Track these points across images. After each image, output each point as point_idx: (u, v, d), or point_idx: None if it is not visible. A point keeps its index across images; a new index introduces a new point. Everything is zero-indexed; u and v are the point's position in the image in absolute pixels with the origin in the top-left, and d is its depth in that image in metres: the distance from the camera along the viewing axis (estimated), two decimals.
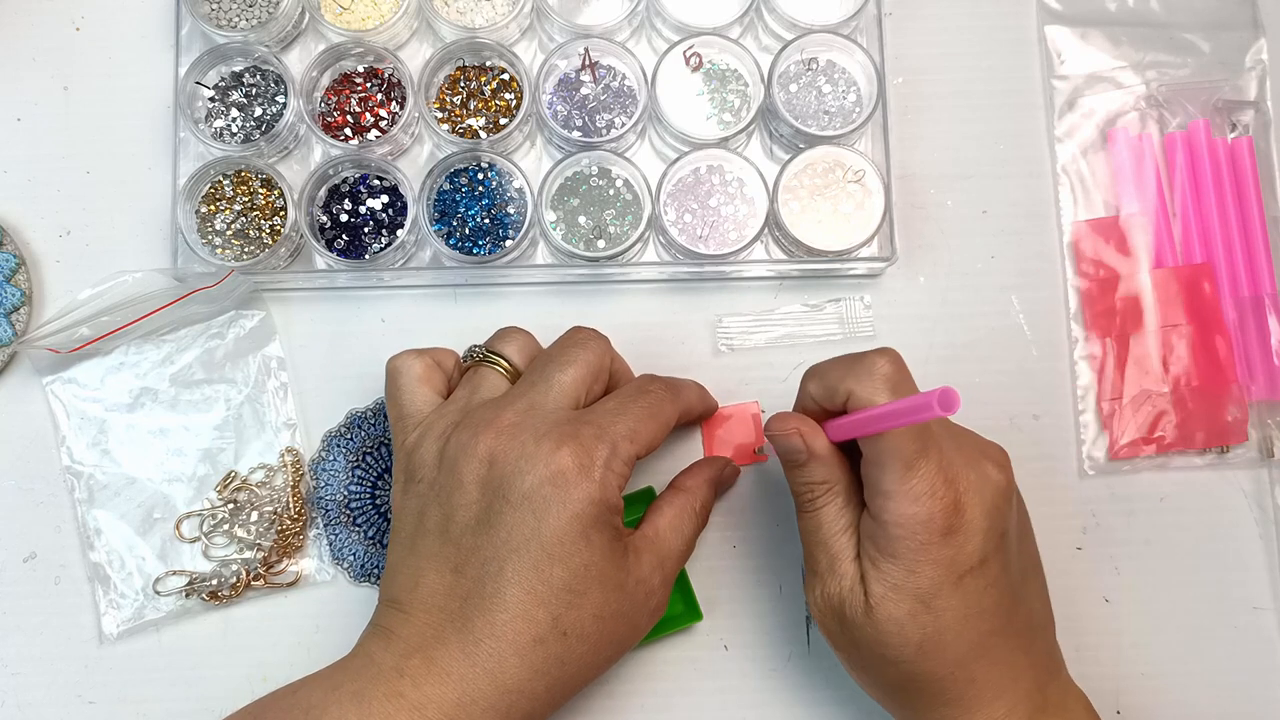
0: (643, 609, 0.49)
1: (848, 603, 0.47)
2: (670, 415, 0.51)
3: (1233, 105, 0.65)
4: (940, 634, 0.46)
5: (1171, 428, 0.62)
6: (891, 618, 0.46)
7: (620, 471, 0.47)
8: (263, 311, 0.62)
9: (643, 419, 0.49)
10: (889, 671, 0.48)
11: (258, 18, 0.63)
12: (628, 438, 0.47)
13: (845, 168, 0.61)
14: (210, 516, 0.60)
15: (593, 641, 0.47)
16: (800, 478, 0.49)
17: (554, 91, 0.63)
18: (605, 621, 0.47)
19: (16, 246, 0.62)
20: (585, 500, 0.45)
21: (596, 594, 0.46)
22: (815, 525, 0.49)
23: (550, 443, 0.46)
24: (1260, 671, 0.61)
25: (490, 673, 0.44)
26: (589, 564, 0.46)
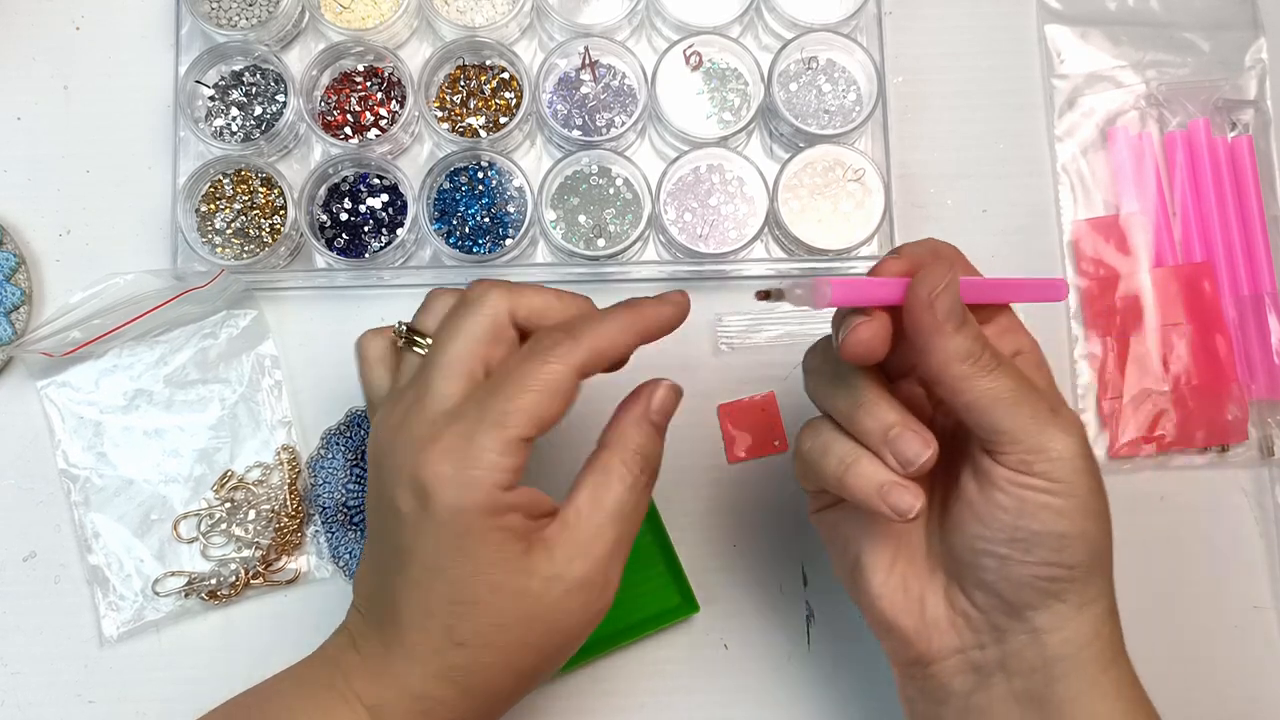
0: (561, 608, 0.42)
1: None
2: (563, 377, 0.41)
3: (1232, 104, 0.65)
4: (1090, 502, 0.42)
5: (1172, 427, 0.62)
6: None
7: (497, 465, 0.40)
8: (255, 310, 0.62)
9: (524, 392, 0.41)
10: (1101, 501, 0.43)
11: (258, 17, 0.63)
12: (501, 423, 0.40)
13: (845, 167, 0.61)
14: (208, 516, 0.60)
15: (501, 649, 0.42)
16: (972, 331, 0.41)
17: (554, 90, 0.63)
18: (510, 630, 0.42)
19: (16, 245, 0.62)
20: (452, 510, 0.40)
21: (491, 602, 0.41)
22: (1012, 378, 0.41)
23: (415, 450, 0.41)
24: (1260, 671, 0.60)
25: (400, 676, 0.43)
26: (472, 574, 0.41)
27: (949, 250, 0.45)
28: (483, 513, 0.40)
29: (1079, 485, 0.41)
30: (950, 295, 0.40)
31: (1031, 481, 0.41)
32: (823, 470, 0.44)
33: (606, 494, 0.43)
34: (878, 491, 0.42)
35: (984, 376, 0.40)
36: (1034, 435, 0.40)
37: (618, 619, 0.58)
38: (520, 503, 0.41)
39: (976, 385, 0.40)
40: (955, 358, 0.40)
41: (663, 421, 0.45)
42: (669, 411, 0.46)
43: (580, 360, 0.41)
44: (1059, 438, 0.40)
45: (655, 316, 0.44)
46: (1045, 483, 0.41)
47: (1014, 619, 0.43)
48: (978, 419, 0.41)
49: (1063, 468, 0.40)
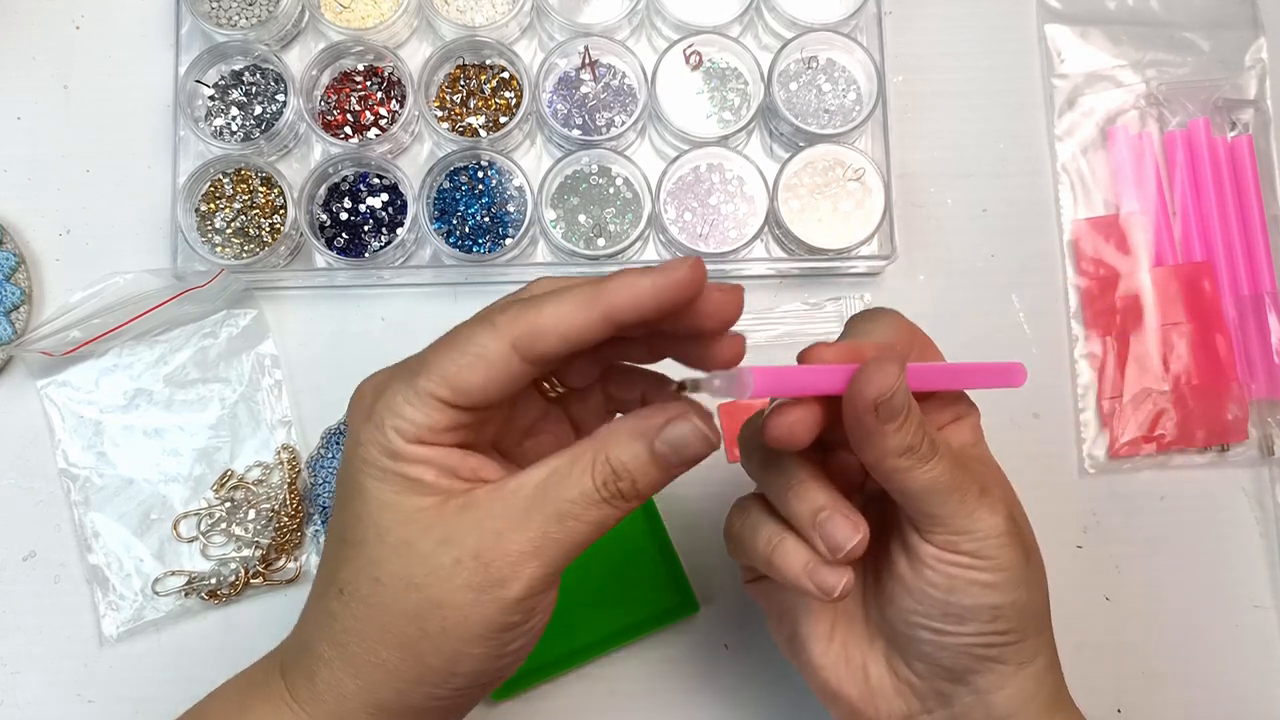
0: (447, 581, 0.36)
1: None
2: (491, 349, 0.36)
3: (1232, 104, 0.65)
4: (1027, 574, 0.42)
5: (1172, 426, 0.62)
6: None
7: (400, 413, 0.36)
8: (255, 310, 0.62)
9: (448, 351, 0.37)
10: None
11: (258, 16, 0.63)
12: (414, 375, 0.37)
13: (845, 166, 0.61)
14: (208, 516, 0.60)
15: (373, 606, 0.37)
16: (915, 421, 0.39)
17: (554, 90, 0.63)
18: (386, 587, 0.37)
19: (16, 245, 0.62)
20: (358, 442, 0.37)
21: (373, 550, 0.37)
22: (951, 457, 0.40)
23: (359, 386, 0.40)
24: (1260, 670, 0.60)
25: (299, 627, 0.41)
26: (362, 515, 0.37)
27: (903, 335, 0.43)
28: (384, 454, 0.37)
29: (1006, 559, 0.41)
30: (896, 400, 0.38)
31: (958, 559, 0.41)
32: (751, 550, 0.43)
33: (559, 485, 0.37)
34: (804, 571, 0.41)
35: (920, 468, 0.39)
36: (961, 518, 0.40)
37: (618, 619, 0.58)
38: (435, 459, 0.37)
39: (913, 475, 0.39)
40: (893, 453, 0.39)
41: (670, 457, 0.37)
42: (683, 453, 0.37)
43: (516, 334, 0.35)
44: (984, 518, 0.40)
45: (623, 292, 0.35)
46: (972, 559, 0.41)
47: (957, 684, 0.43)
48: (911, 505, 0.41)
49: (989, 545, 0.40)
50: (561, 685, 0.58)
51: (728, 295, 0.37)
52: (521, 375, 0.36)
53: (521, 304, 0.36)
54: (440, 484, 0.37)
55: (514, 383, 0.36)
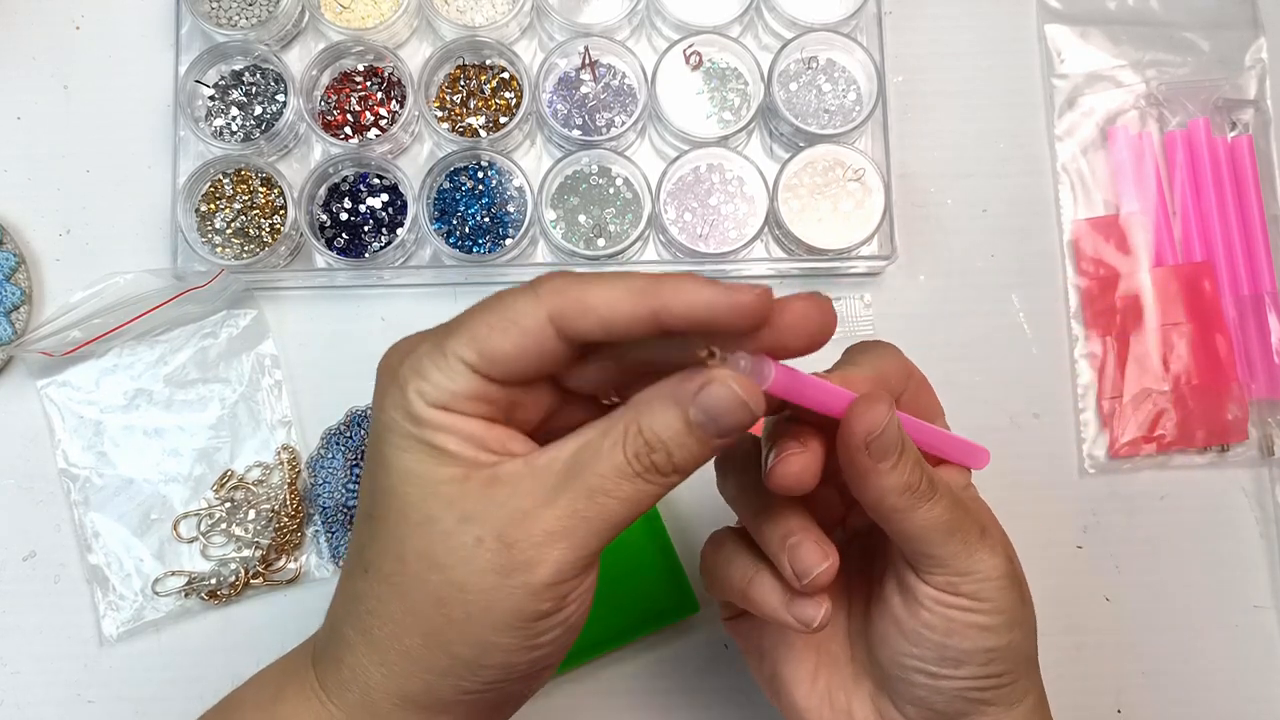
0: (469, 561, 0.34)
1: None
2: (526, 313, 0.34)
3: (1232, 104, 0.65)
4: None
5: (1172, 426, 0.62)
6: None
7: (424, 374, 0.34)
8: (255, 310, 0.62)
9: (483, 313, 0.34)
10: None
11: (258, 16, 0.63)
12: (445, 337, 0.34)
13: (845, 166, 0.61)
14: (208, 516, 0.60)
15: (396, 586, 0.35)
16: (910, 461, 0.38)
17: (554, 90, 0.63)
18: (408, 565, 0.34)
19: (16, 245, 0.62)
20: (381, 407, 0.35)
21: (395, 525, 0.35)
22: (950, 499, 0.39)
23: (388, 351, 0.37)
24: (1260, 670, 0.60)
25: (330, 610, 0.39)
26: (386, 488, 0.35)
27: (897, 370, 0.42)
28: (405, 418, 0.34)
29: (1004, 601, 0.40)
30: (887, 437, 0.37)
31: (958, 601, 0.40)
32: (726, 583, 0.43)
33: (591, 459, 0.34)
34: (782, 604, 0.41)
35: (920, 508, 0.38)
36: (962, 559, 0.39)
37: (618, 619, 0.58)
38: (461, 428, 0.34)
39: (913, 516, 0.38)
40: (891, 493, 0.38)
41: (708, 426, 0.34)
42: (721, 422, 0.33)
43: (556, 304, 0.33)
44: (986, 559, 0.40)
45: (680, 296, 0.33)
46: (972, 602, 0.40)
47: None
48: (910, 546, 0.40)
49: (989, 588, 0.40)
50: (561, 685, 0.58)
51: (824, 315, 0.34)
52: (555, 353, 0.34)
53: (570, 277, 0.34)
54: (464, 454, 0.34)
55: (546, 359, 0.34)
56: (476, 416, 0.34)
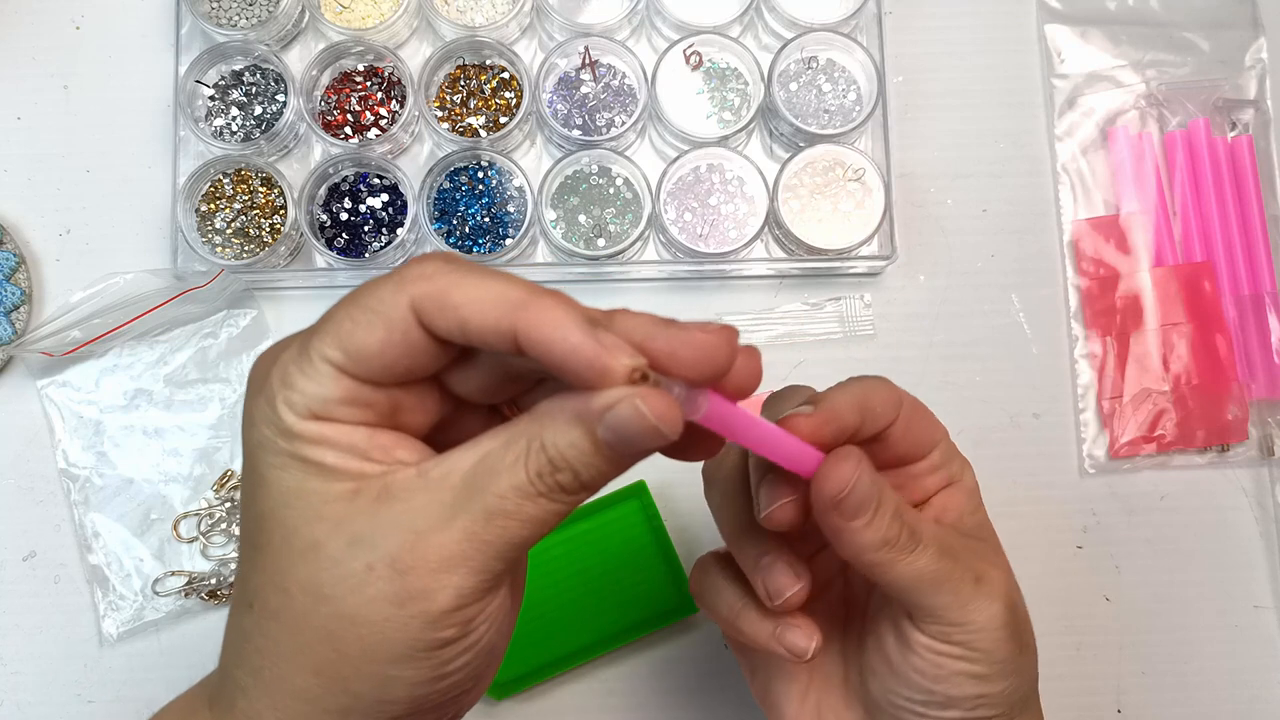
0: (360, 590, 0.30)
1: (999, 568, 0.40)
2: (390, 304, 0.30)
3: (1232, 104, 0.65)
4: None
5: (1172, 426, 0.62)
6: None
7: (288, 380, 0.31)
8: (255, 310, 0.62)
9: (348, 306, 0.31)
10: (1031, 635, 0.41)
11: (258, 16, 0.63)
12: (310, 336, 0.31)
13: (845, 166, 0.61)
14: (208, 516, 0.60)
15: (284, 623, 0.31)
16: (887, 514, 0.37)
17: (554, 90, 0.63)
18: (294, 599, 0.31)
19: (16, 245, 0.62)
20: (251, 422, 0.31)
21: (277, 554, 0.31)
22: (936, 551, 0.38)
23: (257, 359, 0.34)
24: (1260, 670, 0.60)
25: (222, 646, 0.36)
26: (266, 512, 0.31)
27: (883, 401, 0.39)
28: (277, 433, 0.31)
29: (999, 652, 0.38)
30: (856, 496, 0.35)
31: (950, 649, 0.38)
32: (715, 612, 0.43)
33: (486, 476, 0.30)
34: (771, 635, 0.40)
35: (901, 560, 0.37)
36: (954, 611, 0.38)
37: (618, 619, 0.58)
38: (332, 437, 0.30)
39: (896, 571, 0.37)
40: (868, 550, 0.37)
41: (616, 445, 0.30)
42: (631, 443, 0.29)
43: (418, 294, 0.30)
44: (981, 610, 0.38)
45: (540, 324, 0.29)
46: (965, 651, 0.38)
47: None
48: (899, 597, 0.39)
49: (983, 639, 0.38)
50: (561, 685, 0.58)
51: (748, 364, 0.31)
52: (424, 348, 0.30)
53: (444, 263, 0.30)
54: (346, 467, 0.31)
55: (416, 355, 0.30)
56: (354, 424, 0.31)
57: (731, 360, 0.30)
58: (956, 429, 0.44)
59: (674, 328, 0.30)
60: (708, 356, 0.30)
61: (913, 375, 0.63)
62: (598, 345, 0.28)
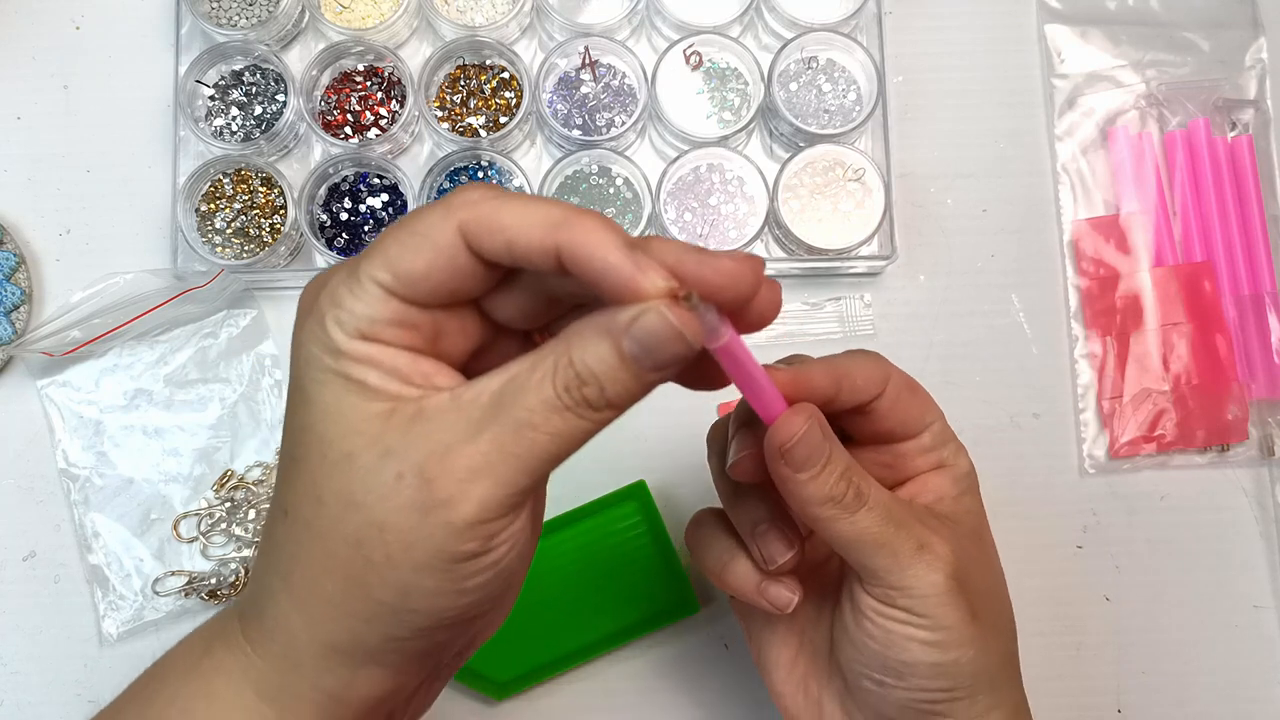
0: (387, 498, 0.31)
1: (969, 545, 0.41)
2: (436, 226, 0.31)
3: (1232, 104, 0.65)
4: None
5: (1172, 426, 0.62)
6: (993, 542, 0.44)
7: (338, 300, 0.32)
8: (255, 310, 0.62)
9: (397, 230, 0.32)
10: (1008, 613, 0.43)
11: (258, 16, 0.63)
12: (359, 261, 0.32)
13: (845, 166, 0.61)
14: (208, 516, 0.60)
15: (315, 530, 0.33)
16: (835, 473, 0.39)
17: (554, 90, 0.63)
18: (326, 505, 0.32)
19: (16, 245, 0.62)
20: (299, 341, 0.33)
21: (314, 465, 0.33)
22: (882, 511, 0.39)
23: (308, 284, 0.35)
24: (1260, 670, 0.60)
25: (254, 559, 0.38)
26: (306, 426, 0.33)
27: (869, 372, 0.41)
28: (324, 351, 0.32)
29: (946, 617, 0.39)
30: (801, 449, 0.37)
31: (895, 614, 0.40)
32: (704, 565, 0.44)
33: (518, 391, 0.31)
34: (756, 588, 0.42)
35: (845, 518, 0.38)
36: (895, 573, 0.39)
37: (618, 619, 0.58)
38: (381, 359, 0.32)
39: (838, 527, 0.39)
40: (813, 502, 0.38)
41: (642, 359, 0.31)
42: (655, 354, 0.31)
43: (466, 218, 0.31)
44: (921, 575, 0.39)
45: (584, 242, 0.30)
46: (909, 615, 0.39)
47: None
48: (843, 554, 0.40)
49: (926, 604, 0.39)
50: (561, 685, 0.58)
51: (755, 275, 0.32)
52: (469, 271, 0.32)
53: (488, 191, 0.32)
54: (387, 388, 0.32)
55: (460, 277, 0.32)
56: (398, 346, 0.32)
57: (757, 287, 0.32)
58: (956, 429, 0.44)
59: (705, 254, 0.31)
60: (735, 281, 0.32)
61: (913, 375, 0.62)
62: (634, 264, 0.30)
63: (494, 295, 0.34)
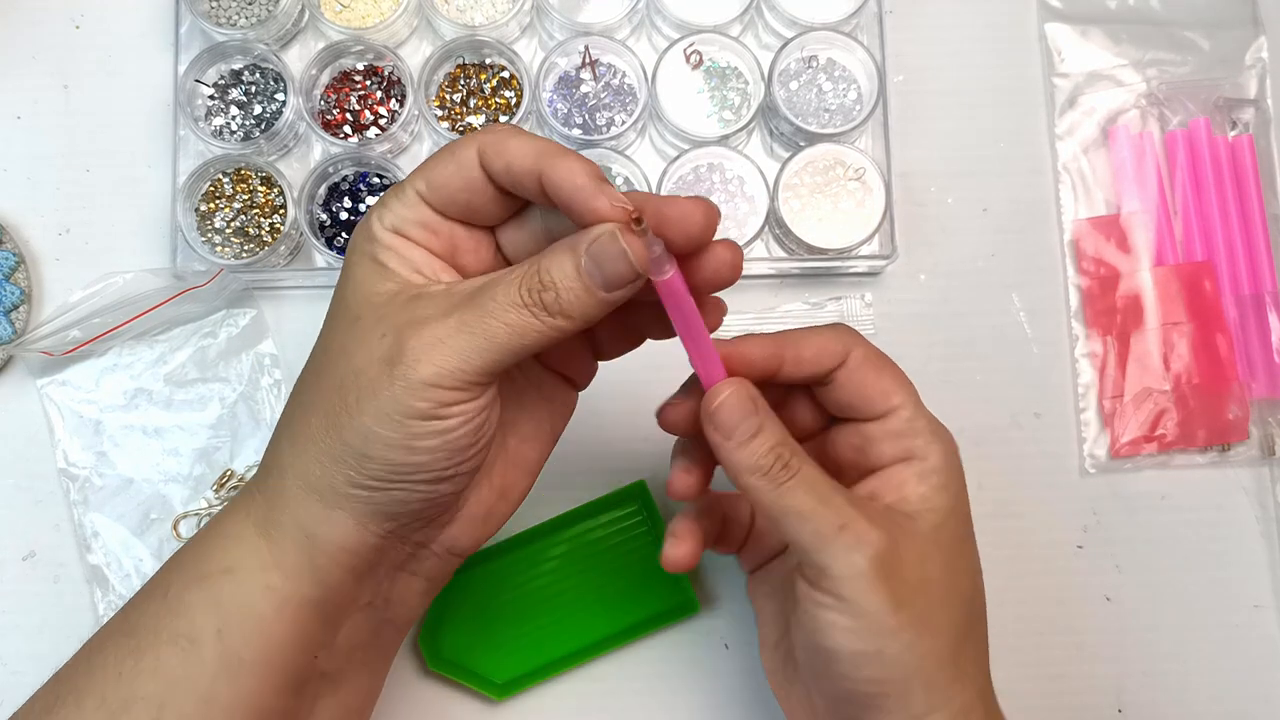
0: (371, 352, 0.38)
1: (907, 535, 0.40)
2: (462, 149, 0.39)
3: (1233, 103, 0.65)
4: (980, 567, 0.44)
5: (1173, 426, 0.62)
6: (954, 539, 0.43)
7: (386, 202, 0.40)
8: (254, 310, 0.62)
9: (438, 153, 0.40)
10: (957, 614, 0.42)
11: (257, 15, 0.63)
12: (415, 173, 0.40)
13: (846, 165, 0.61)
14: (207, 516, 0.60)
15: (317, 373, 0.40)
16: (764, 445, 0.40)
17: (554, 89, 0.63)
18: (330, 354, 0.40)
19: (16, 244, 0.62)
20: (356, 234, 0.41)
21: (333, 322, 0.40)
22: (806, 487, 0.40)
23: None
24: (1261, 669, 0.60)
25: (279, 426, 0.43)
26: (341, 296, 0.40)
27: (827, 346, 0.43)
28: (366, 238, 0.40)
29: (865, 602, 0.39)
30: (724, 414, 0.40)
31: (819, 597, 0.40)
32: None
33: (488, 288, 0.38)
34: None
35: (770, 490, 0.39)
36: (818, 551, 0.39)
37: (618, 619, 0.58)
38: (400, 248, 0.39)
39: (764, 498, 0.40)
40: (742, 471, 0.40)
41: (594, 274, 0.37)
42: (604, 270, 0.37)
43: (483, 142, 0.38)
44: (840, 555, 0.39)
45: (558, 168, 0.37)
46: (832, 599, 0.39)
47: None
48: (773, 527, 0.42)
49: (846, 586, 0.39)
50: (561, 685, 0.58)
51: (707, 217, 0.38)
52: (480, 186, 0.39)
53: (509, 128, 0.39)
54: (402, 272, 0.39)
55: (474, 190, 0.39)
56: (421, 245, 0.40)
57: (707, 228, 0.38)
58: (957, 429, 0.44)
59: (665, 196, 0.38)
60: (685, 215, 0.38)
61: (913, 374, 0.62)
62: (596, 187, 0.36)
63: (505, 228, 0.41)
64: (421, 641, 0.57)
